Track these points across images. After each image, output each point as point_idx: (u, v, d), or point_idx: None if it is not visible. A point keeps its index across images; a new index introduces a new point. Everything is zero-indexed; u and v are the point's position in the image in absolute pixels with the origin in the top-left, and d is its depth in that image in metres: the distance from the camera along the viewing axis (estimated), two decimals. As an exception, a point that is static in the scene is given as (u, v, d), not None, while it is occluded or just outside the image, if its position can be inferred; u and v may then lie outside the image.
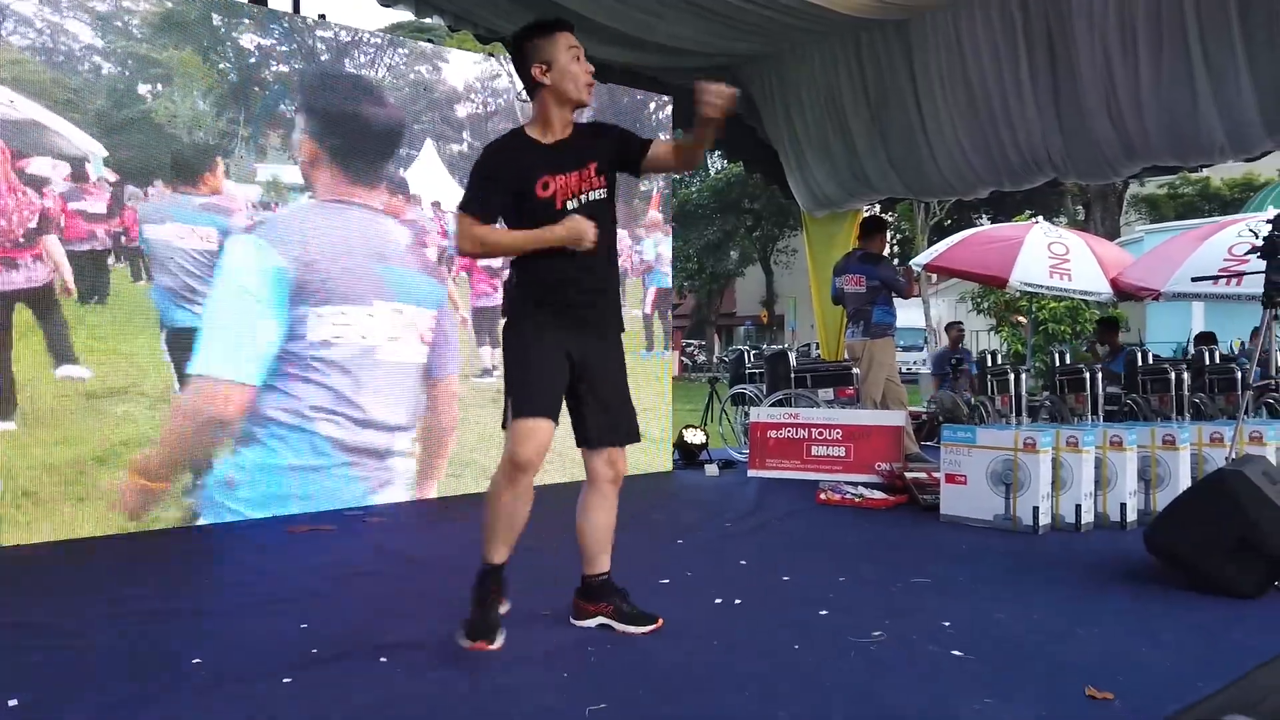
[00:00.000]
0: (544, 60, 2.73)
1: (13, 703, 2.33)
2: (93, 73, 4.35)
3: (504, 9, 6.27)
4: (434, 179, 5.45)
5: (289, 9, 5.18)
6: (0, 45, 4.11)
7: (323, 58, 5.00)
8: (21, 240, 4.16)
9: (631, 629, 2.90)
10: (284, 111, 4.86)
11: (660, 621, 2.93)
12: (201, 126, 4.61)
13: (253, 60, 4.80)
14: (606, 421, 2.88)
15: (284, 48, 4.88)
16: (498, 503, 2.74)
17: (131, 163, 4.43)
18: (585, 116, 3.14)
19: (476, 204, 2.73)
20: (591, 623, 2.95)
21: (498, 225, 2.79)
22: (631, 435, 2.95)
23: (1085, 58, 6.23)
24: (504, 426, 2.75)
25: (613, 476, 2.92)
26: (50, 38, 4.25)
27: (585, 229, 2.68)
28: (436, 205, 5.42)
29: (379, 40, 5.32)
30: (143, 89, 4.48)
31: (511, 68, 3.04)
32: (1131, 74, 6.12)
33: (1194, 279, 6.72)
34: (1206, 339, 8.73)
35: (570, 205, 2.74)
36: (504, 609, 2.81)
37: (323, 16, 5.10)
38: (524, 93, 2.82)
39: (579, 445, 2.93)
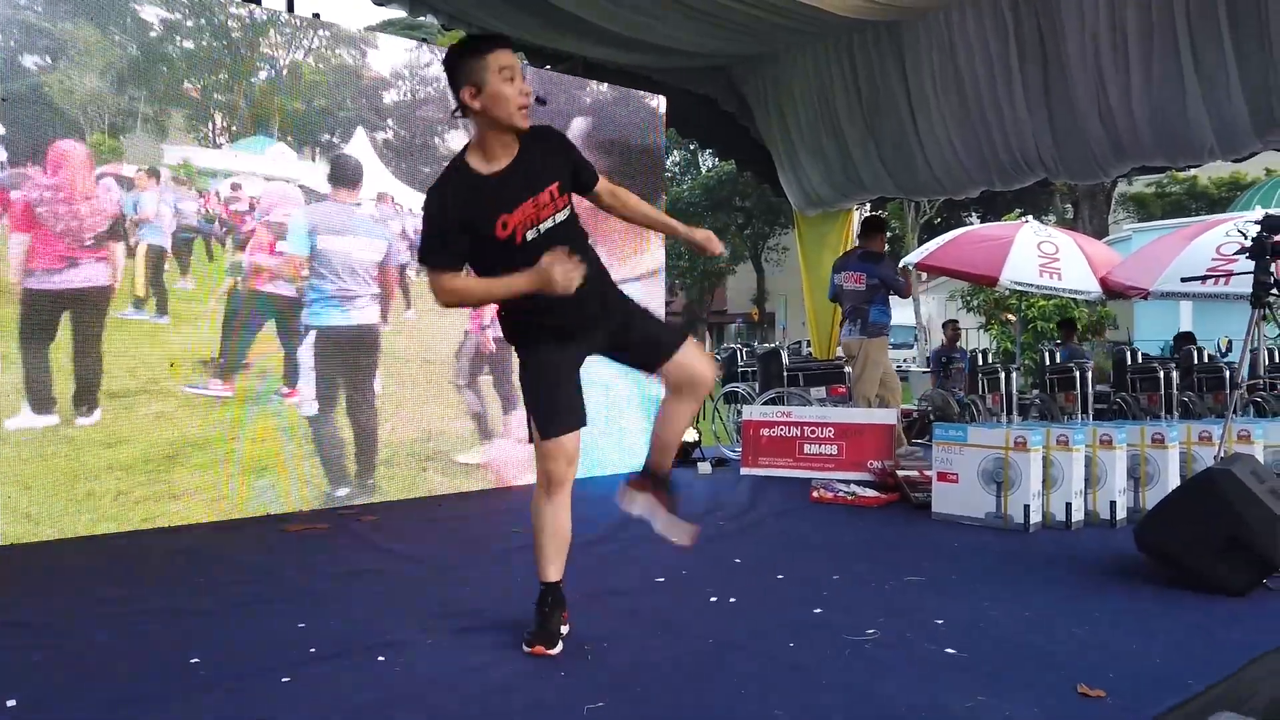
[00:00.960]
0: (474, 83, 2.51)
1: (11, 703, 2.33)
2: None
3: (498, 8, 6.27)
4: (369, 168, 5.26)
5: (283, 7, 5.17)
6: None
7: (234, 34, 4.76)
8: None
9: (670, 533, 3.02)
10: (188, 90, 4.62)
11: (698, 528, 3.05)
12: (100, 104, 4.35)
13: (154, 35, 4.51)
14: (652, 348, 2.86)
15: (190, 23, 4.63)
16: (540, 519, 2.78)
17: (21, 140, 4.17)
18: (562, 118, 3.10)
19: (441, 256, 2.59)
20: (638, 508, 3.04)
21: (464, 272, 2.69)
22: (675, 343, 2.85)
23: (1076, 58, 6.27)
24: (542, 437, 2.74)
25: (688, 378, 2.87)
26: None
27: (555, 275, 2.47)
28: (382, 197, 5.25)
29: (296, 21, 5.02)
30: (29, 61, 4.18)
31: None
32: (1122, 75, 6.17)
33: (1184, 279, 6.78)
34: (1186, 339, 8.82)
35: (530, 236, 2.59)
36: (565, 628, 2.81)
37: (317, 15, 5.09)
38: (457, 113, 2.60)
39: (654, 370, 2.90)
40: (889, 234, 32.57)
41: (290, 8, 5.19)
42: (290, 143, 4.93)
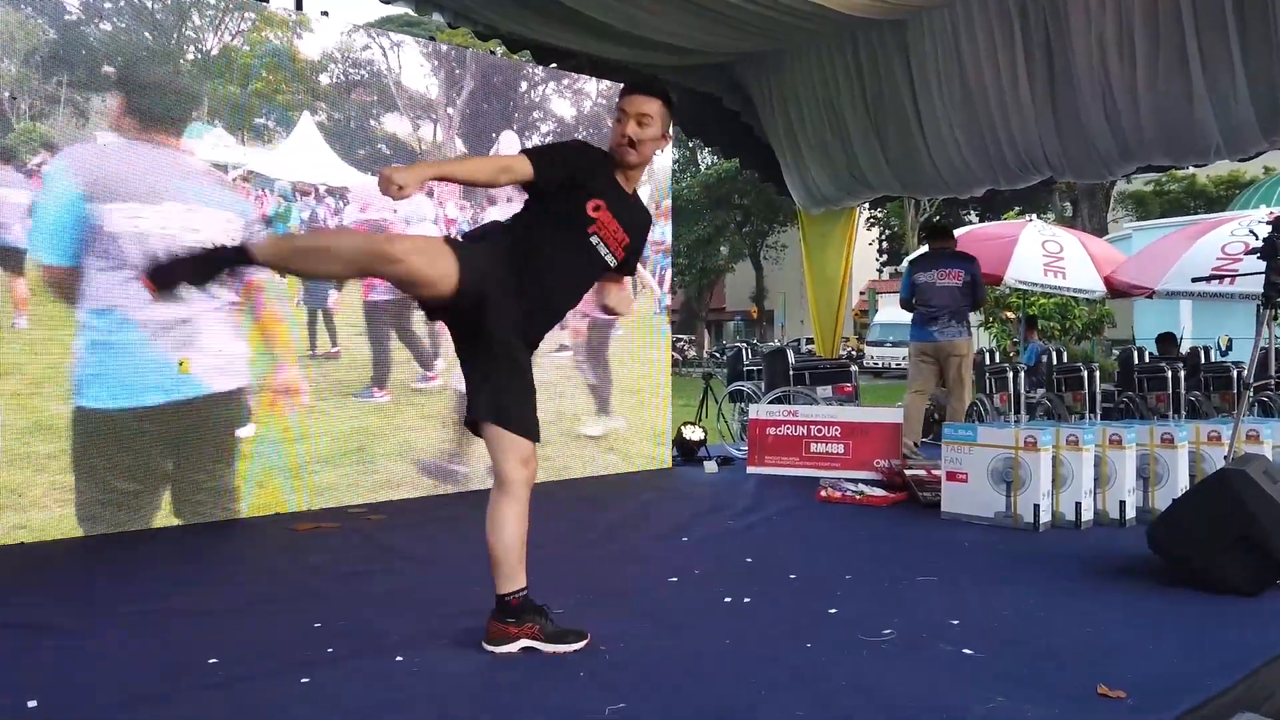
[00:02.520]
0: (614, 118, 2.84)
1: (32, 704, 2.33)
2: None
3: (504, 6, 6.25)
4: (316, 156, 5.09)
5: (291, 6, 5.16)
6: None
7: (157, 15, 4.58)
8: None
9: (560, 650, 2.72)
10: (109, 75, 4.38)
11: (588, 636, 2.79)
12: (26, 89, 4.18)
13: (70, 18, 4.30)
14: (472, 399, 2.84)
15: (109, 5, 4.44)
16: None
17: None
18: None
19: (537, 153, 2.70)
20: (514, 646, 2.72)
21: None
22: (483, 412, 2.72)
23: (1082, 57, 6.27)
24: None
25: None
26: None
27: (391, 176, 2.40)
28: (332, 192, 5.09)
29: (219, 4, 4.80)
30: None
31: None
32: (1128, 74, 6.16)
33: (1194, 279, 6.78)
34: (1168, 340, 8.75)
35: (593, 240, 2.76)
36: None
37: (325, 13, 5.08)
38: None
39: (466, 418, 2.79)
40: (888, 232, 32.56)
41: (299, 6, 5.18)
42: (227, 128, 4.73)
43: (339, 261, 2.64)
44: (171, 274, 2.53)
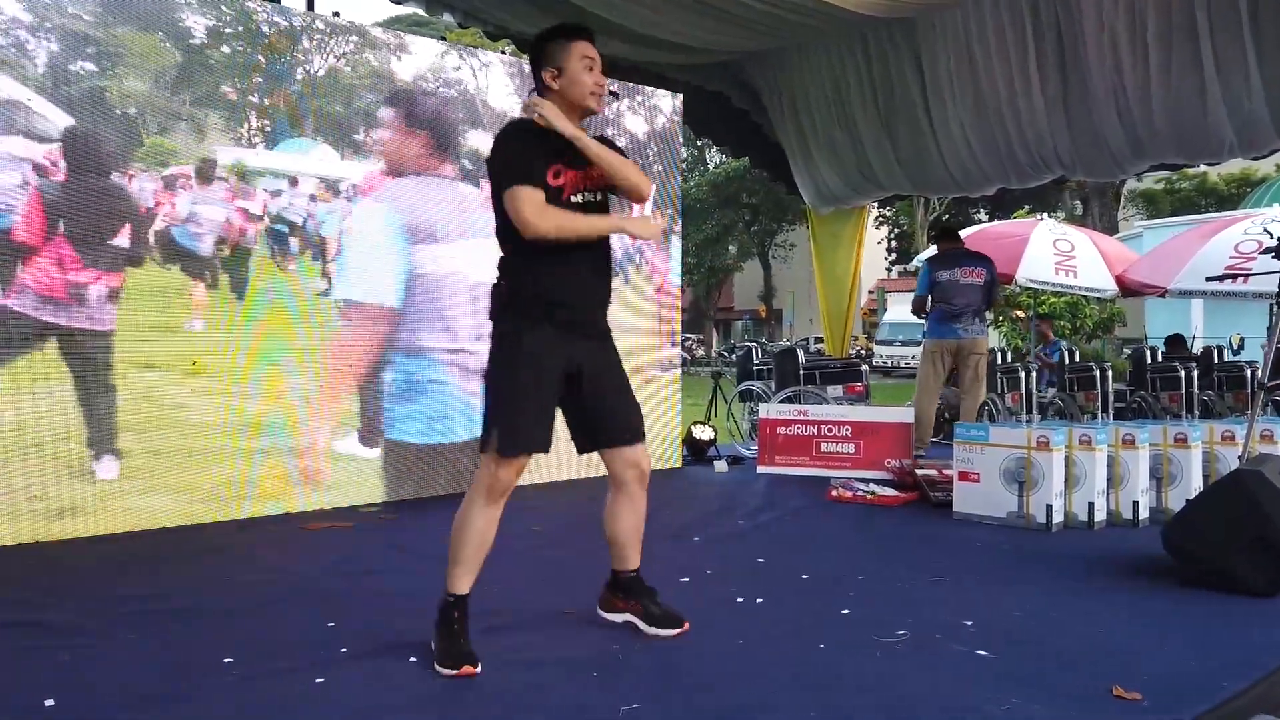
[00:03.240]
0: (556, 66, 2.70)
1: (49, 703, 2.34)
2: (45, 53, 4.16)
3: (513, 6, 6.27)
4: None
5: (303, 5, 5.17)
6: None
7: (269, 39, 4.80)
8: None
9: (658, 631, 2.89)
10: (226, 93, 4.68)
11: (686, 625, 2.92)
12: (155, 108, 4.48)
13: (194, 41, 4.57)
14: (616, 424, 2.84)
15: (230, 30, 4.67)
16: (471, 528, 2.67)
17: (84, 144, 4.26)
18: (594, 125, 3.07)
19: (531, 175, 2.60)
20: (618, 618, 2.96)
21: None
22: (641, 431, 2.89)
23: (1094, 56, 6.25)
24: (482, 450, 2.67)
25: (638, 475, 2.89)
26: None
27: (659, 226, 2.74)
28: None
29: (326, 27, 5.04)
30: (88, 67, 4.27)
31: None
32: (1141, 72, 6.14)
33: (1208, 279, 6.75)
34: (1177, 342, 8.70)
35: (576, 199, 2.70)
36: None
37: (337, 14, 5.09)
38: (533, 93, 2.76)
39: (591, 450, 2.87)
40: (897, 231, 32.46)
41: (310, 6, 5.19)
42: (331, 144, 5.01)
43: None
44: None
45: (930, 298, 6.74)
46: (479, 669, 2.55)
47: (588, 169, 2.72)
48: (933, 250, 7.42)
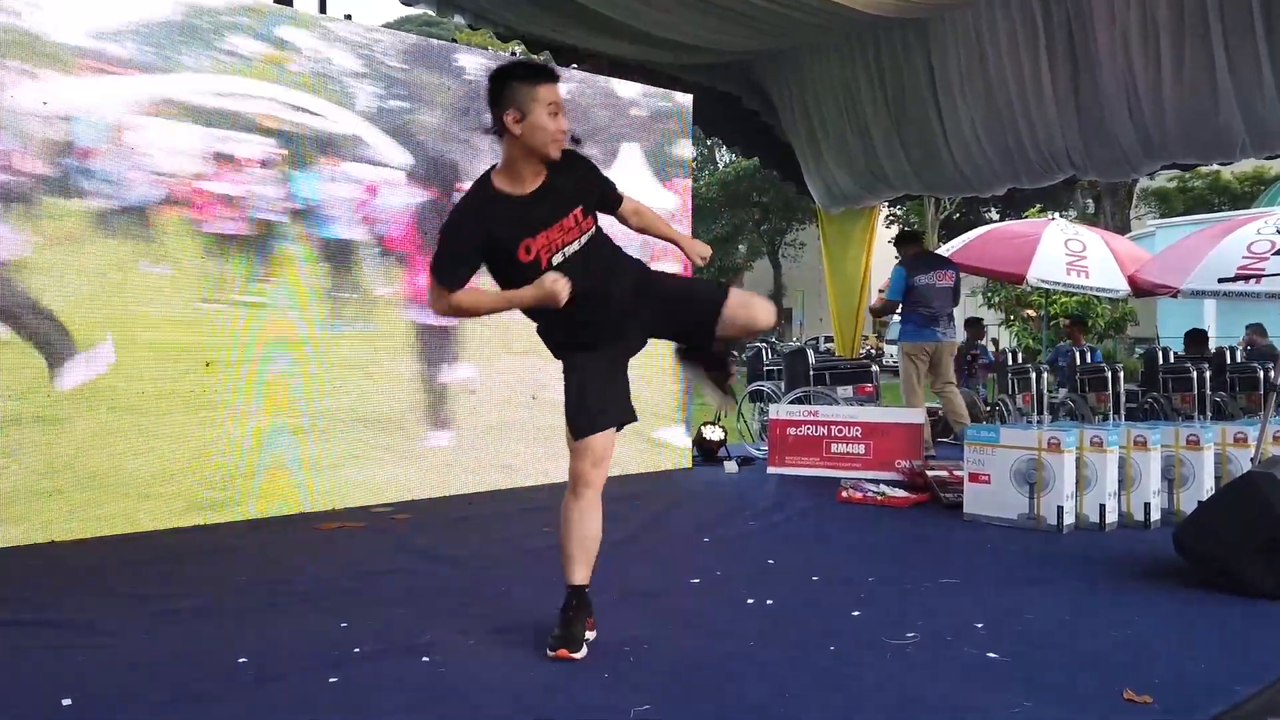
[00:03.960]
0: (519, 108, 2.57)
1: (66, 702, 2.37)
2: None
3: (523, 9, 6.28)
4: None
5: (315, 9, 5.20)
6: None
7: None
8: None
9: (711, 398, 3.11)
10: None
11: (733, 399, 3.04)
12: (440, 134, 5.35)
13: (468, 78, 5.44)
14: (698, 319, 2.90)
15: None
16: (566, 519, 2.80)
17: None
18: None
19: (448, 274, 2.66)
20: (695, 372, 3.11)
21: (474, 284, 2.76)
22: (718, 294, 2.88)
23: (1106, 55, 6.23)
24: (577, 437, 2.80)
25: (743, 328, 2.92)
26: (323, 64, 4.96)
27: (556, 291, 2.56)
28: None
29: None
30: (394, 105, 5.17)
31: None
32: (1152, 71, 6.12)
33: (1220, 280, 6.72)
34: (1197, 339, 8.67)
35: (556, 260, 2.66)
36: (591, 634, 2.79)
37: (348, 17, 5.12)
38: (490, 130, 2.65)
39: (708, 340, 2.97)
40: (907, 230, 32.36)
41: (322, 8, 5.22)
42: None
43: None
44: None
45: (904, 301, 6.94)
46: (579, 655, 2.68)
47: (561, 220, 2.66)
48: (898, 253, 7.59)
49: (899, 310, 6.98)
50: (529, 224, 2.64)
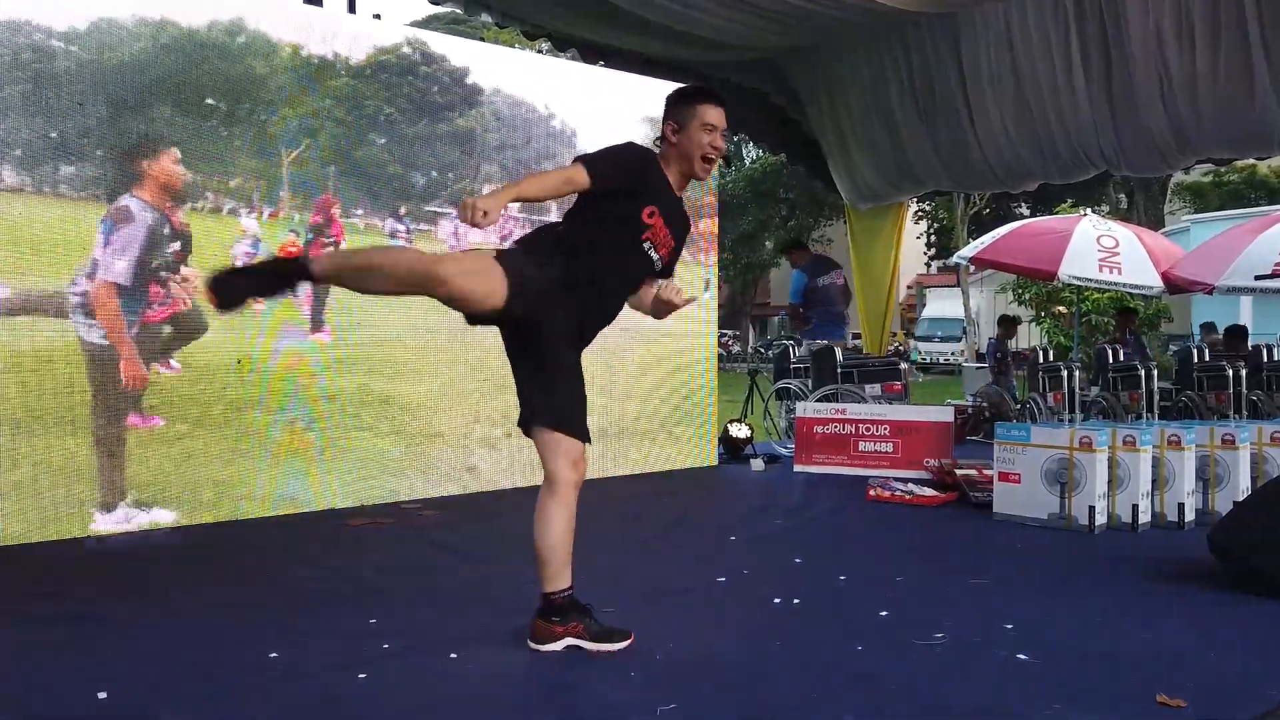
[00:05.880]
0: (678, 121, 2.82)
1: (102, 695, 2.41)
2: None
3: (549, 7, 6.29)
4: None
5: (344, 8, 5.24)
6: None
7: None
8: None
9: (604, 649, 2.73)
10: None
11: (631, 636, 2.78)
12: None
13: None
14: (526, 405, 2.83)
15: None
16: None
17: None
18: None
19: (602, 172, 2.67)
20: (558, 645, 2.73)
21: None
22: (541, 417, 2.77)
23: (1139, 48, 6.14)
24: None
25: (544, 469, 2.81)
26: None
27: (475, 204, 2.44)
28: None
29: None
30: None
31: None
32: (1187, 64, 6.02)
33: (1256, 276, 6.60)
34: (1236, 335, 8.53)
35: (645, 247, 2.80)
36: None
37: (378, 16, 5.15)
38: (659, 141, 2.90)
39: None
40: (937, 225, 32.09)
41: (351, 8, 5.25)
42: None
43: (390, 280, 2.69)
44: (233, 287, 2.64)
45: (809, 303, 7.30)
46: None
47: (671, 229, 2.83)
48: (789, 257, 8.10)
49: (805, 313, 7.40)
50: (663, 205, 2.80)
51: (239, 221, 4.68)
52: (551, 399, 2.72)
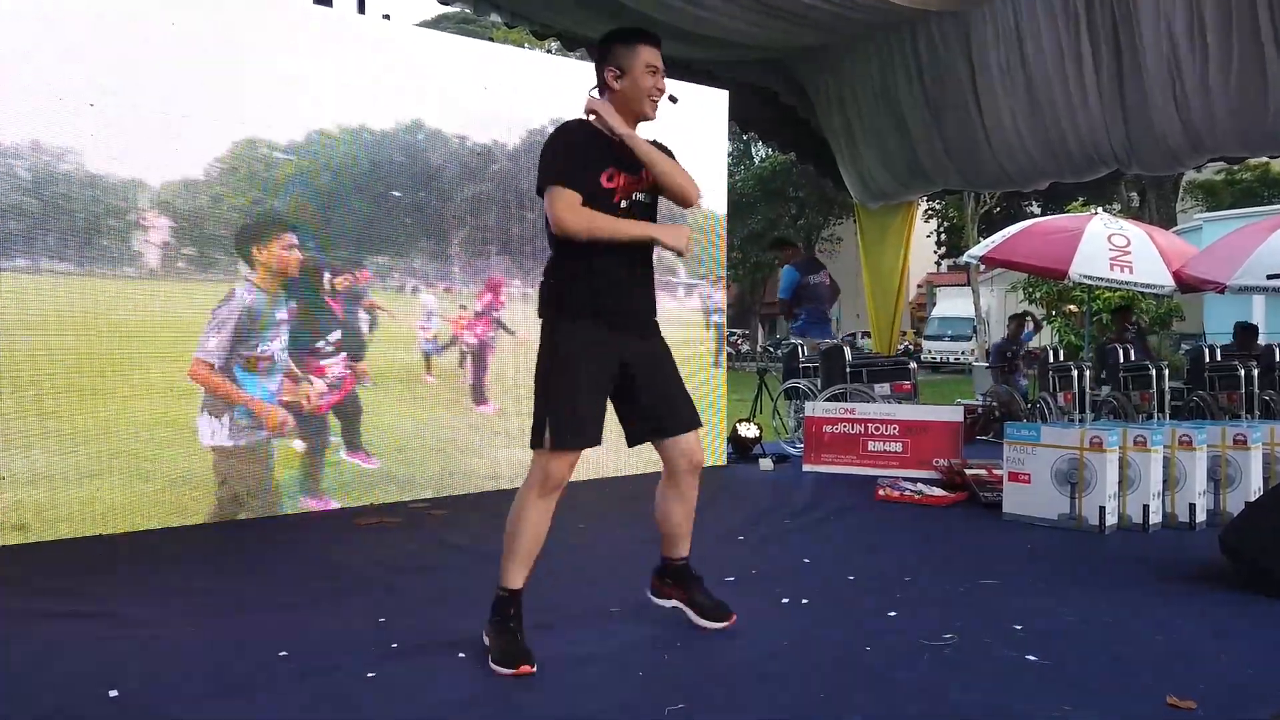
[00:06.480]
0: (619, 66, 2.76)
1: (113, 693, 2.42)
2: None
3: (560, 6, 6.30)
4: None
5: (354, 8, 5.26)
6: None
7: None
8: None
9: (706, 623, 2.91)
10: None
11: (734, 618, 2.93)
12: None
13: None
14: (668, 411, 2.83)
15: None
16: (526, 521, 2.69)
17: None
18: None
19: (571, 176, 2.66)
20: (667, 604, 2.98)
21: None
22: (695, 420, 2.89)
23: (1150, 47, 6.11)
24: (535, 445, 2.68)
25: (689, 465, 2.86)
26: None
27: (688, 237, 2.74)
28: None
29: None
30: None
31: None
32: (1199, 62, 5.99)
33: (1269, 275, 6.56)
34: (1247, 333, 8.47)
35: (623, 205, 2.75)
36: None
37: (387, 16, 5.16)
38: (595, 89, 2.84)
39: (645, 440, 2.86)
40: (947, 224, 32.01)
41: (361, 8, 5.27)
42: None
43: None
44: (510, 644, 2.68)
45: (799, 300, 7.41)
46: (535, 667, 2.56)
47: (641, 173, 2.77)
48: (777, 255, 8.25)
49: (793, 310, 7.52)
50: (617, 158, 2.74)
51: (418, 298, 5.24)
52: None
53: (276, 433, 4.70)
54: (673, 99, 2.87)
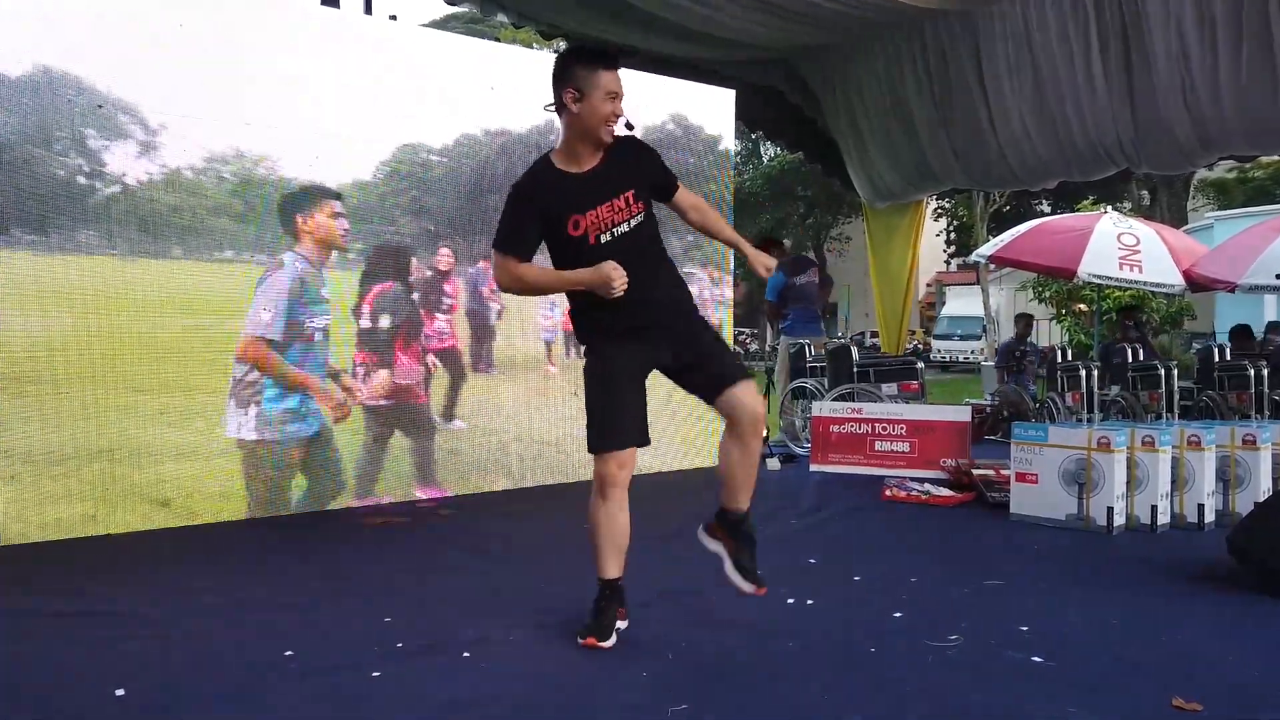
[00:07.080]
0: (578, 89, 2.70)
1: (120, 693, 2.44)
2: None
3: (567, 6, 6.30)
4: None
5: (361, 9, 5.27)
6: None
7: None
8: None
9: (736, 579, 2.91)
10: None
11: (764, 590, 2.92)
12: None
13: None
14: (719, 372, 2.88)
15: None
16: (594, 520, 2.84)
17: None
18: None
19: (512, 243, 2.77)
20: (712, 545, 3.00)
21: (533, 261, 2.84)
22: (741, 371, 2.92)
23: (1159, 44, 6.07)
24: (590, 450, 2.84)
25: (749, 416, 2.85)
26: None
27: (612, 278, 2.65)
28: None
29: None
30: None
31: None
32: (1209, 60, 5.95)
33: (1278, 275, 6.52)
34: (1242, 335, 8.41)
35: (604, 239, 2.74)
36: (622, 624, 2.86)
37: (394, 17, 5.18)
38: (551, 105, 2.80)
39: (713, 401, 2.91)
40: (956, 223, 31.90)
41: (368, 10, 5.28)
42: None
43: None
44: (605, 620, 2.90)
45: (787, 300, 7.47)
46: (606, 643, 2.77)
47: (612, 200, 2.75)
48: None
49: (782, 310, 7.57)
50: (580, 200, 2.74)
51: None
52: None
53: (338, 415, 4.84)
54: (629, 125, 2.84)
